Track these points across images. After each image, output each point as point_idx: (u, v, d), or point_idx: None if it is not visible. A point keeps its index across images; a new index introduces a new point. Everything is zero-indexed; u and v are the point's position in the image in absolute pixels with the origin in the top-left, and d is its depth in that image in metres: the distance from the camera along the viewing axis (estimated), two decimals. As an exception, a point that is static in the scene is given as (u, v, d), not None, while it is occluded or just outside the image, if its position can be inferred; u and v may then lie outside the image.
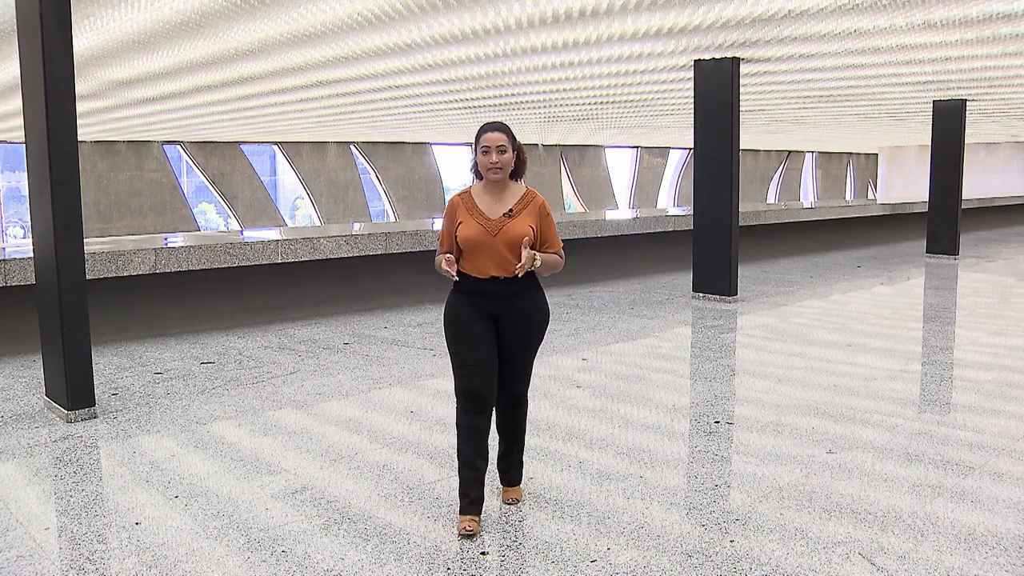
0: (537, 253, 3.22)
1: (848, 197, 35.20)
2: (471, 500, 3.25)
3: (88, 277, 5.84)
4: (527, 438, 4.38)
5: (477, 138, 3.26)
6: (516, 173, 3.32)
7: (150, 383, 5.72)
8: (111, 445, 4.44)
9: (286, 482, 3.84)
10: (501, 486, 3.59)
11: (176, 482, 3.85)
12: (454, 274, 3.15)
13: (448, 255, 3.23)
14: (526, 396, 3.47)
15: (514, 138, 3.27)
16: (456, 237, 3.23)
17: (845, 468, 3.94)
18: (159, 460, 4.17)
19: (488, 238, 3.19)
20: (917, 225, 15.86)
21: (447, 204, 3.32)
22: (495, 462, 3.61)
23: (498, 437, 3.52)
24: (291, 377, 5.85)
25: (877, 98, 13.48)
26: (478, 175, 3.31)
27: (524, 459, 3.59)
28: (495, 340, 3.26)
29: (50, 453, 4.31)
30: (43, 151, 4.75)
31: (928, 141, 14.36)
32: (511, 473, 3.55)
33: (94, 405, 4.95)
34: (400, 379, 5.78)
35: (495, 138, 3.22)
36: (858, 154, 35.28)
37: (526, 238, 3.16)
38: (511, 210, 3.24)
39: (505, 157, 3.23)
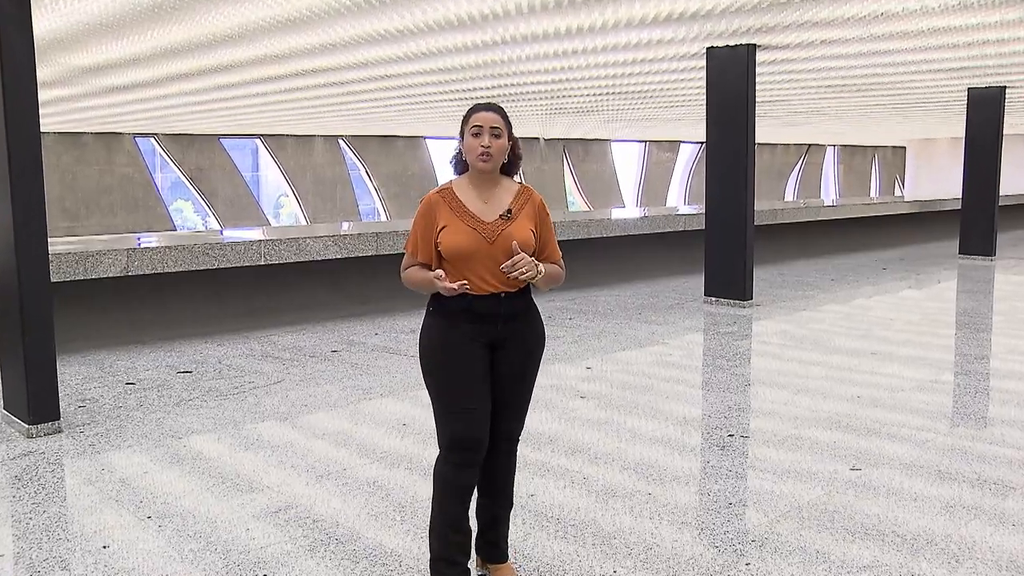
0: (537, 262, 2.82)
1: (873, 194, 35.22)
2: (463, 570, 2.90)
3: (53, 280, 5.82)
4: (527, 452, 4.38)
5: (466, 119, 2.84)
6: (509, 169, 2.93)
7: (121, 394, 5.71)
8: (77, 462, 4.42)
9: (269, 500, 3.82)
10: (487, 565, 3.04)
11: (149, 501, 3.83)
12: (456, 287, 2.70)
13: (423, 268, 2.84)
14: (517, 443, 3.03)
15: (511, 126, 2.89)
16: (439, 245, 2.80)
17: (871, 486, 3.93)
18: (130, 477, 4.15)
19: (484, 245, 2.78)
20: (949, 224, 15.86)
21: (421, 203, 2.86)
22: (477, 534, 3.08)
23: (479, 502, 3.01)
24: (275, 387, 5.84)
25: (906, 87, 13.46)
26: (458, 169, 2.92)
27: (525, 475, 3.56)
28: (490, 376, 2.86)
29: (7, 472, 4.29)
30: (1, 142, 4.74)
31: (962, 133, 14.34)
32: (501, 546, 3.03)
33: (58, 419, 4.93)
34: (392, 389, 5.77)
35: (489, 118, 2.81)
36: (884, 147, 35.32)
37: (515, 242, 2.77)
38: (509, 210, 2.84)
39: (499, 143, 2.82)
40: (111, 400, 5.56)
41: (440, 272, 2.74)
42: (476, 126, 2.81)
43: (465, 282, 2.74)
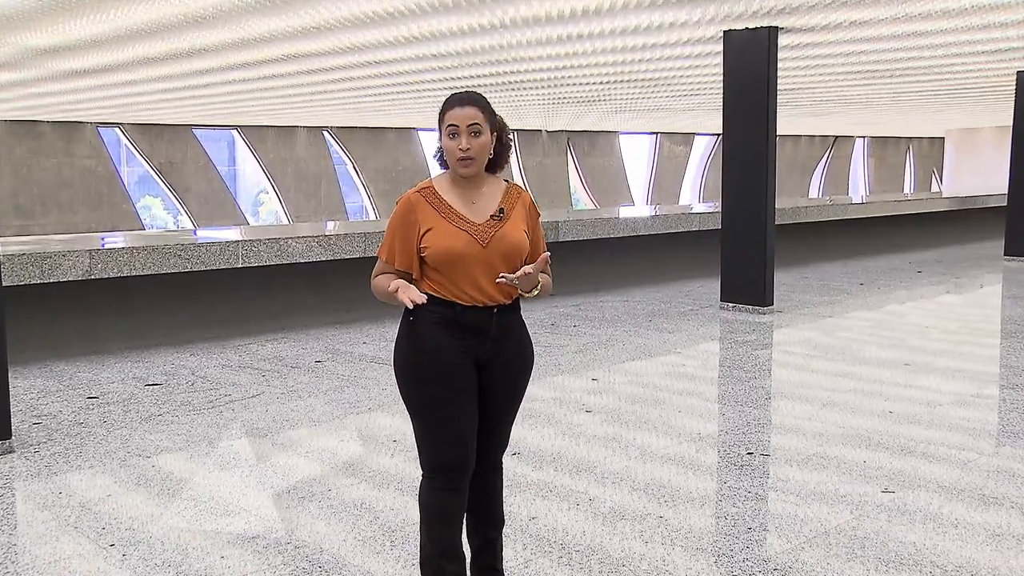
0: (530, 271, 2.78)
1: (907, 190, 35.25)
2: None
3: (5, 283, 5.83)
4: (527, 471, 4.37)
5: (442, 115, 2.79)
6: (497, 161, 2.88)
7: (82, 409, 5.70)
8: (31, 485, 4.40)
9: (246, 525, 3.81)
10: None
11: (112, 527, 3.82)
12: (411, 303, 2.67)
13: (397, 276, 2.79)
14: (502, 461, 3.09)
15: (493, 114, 2.82)
16: (423, 250, 2.77)
17: (905, 511, 3.92)
18: (91, 501, 4.14)
19: (477, 248, 2.76)
20: (993, 222, 15.85)
21: (399, 204, 2.83)
22: (472, 559, 3.05)
23: (469, 524, 3.01)
24: (253, 401, 5.84)
25: (946, 72, 13.41)
26: (443, 165, 2.87)
27: (525, 496, 3.54)
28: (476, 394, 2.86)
29: (-36, 491, 4.28)
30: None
31: (1009, 121, 14.28)
32: (498, 568, 3.04)
33: (10, 437, 4.90)
34: (381, 403, 5.76)
35: (466, 115, 2.75)
36: (920, 139, 35.34)
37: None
38: (502, 209, 2.83)
39: (479, 142, 2.76)
40: (70, 416, 5.55)
41: (400, 283, 2.71)
42: (451, 126, 2.75)
43: (425, 298, 2.70)
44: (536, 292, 2.85)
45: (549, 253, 2.87)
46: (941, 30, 9.59)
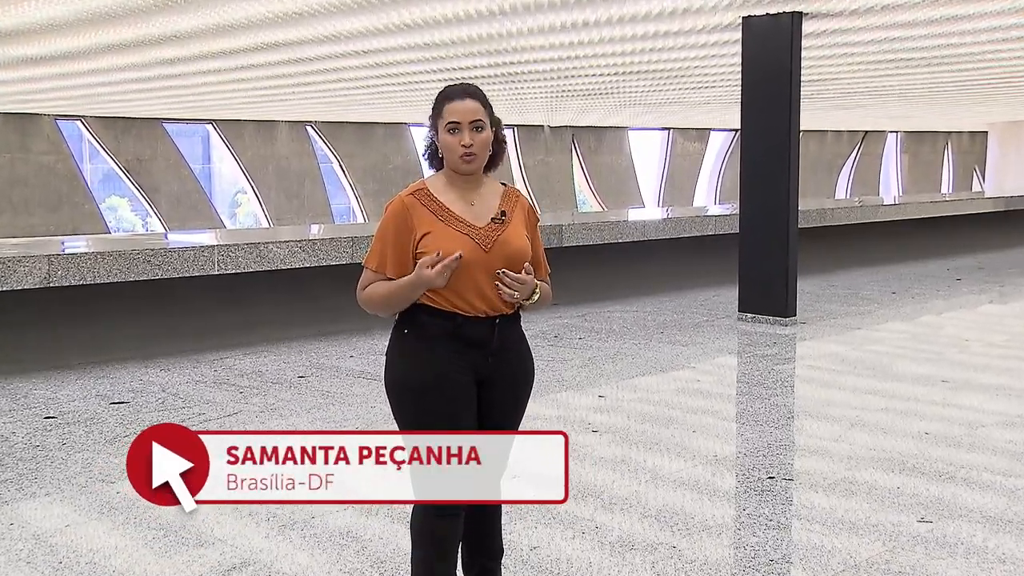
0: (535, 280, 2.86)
1: (945, 189, 35.27)
2: None
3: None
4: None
5: (438, 111, 2.82)
6: (493, 160, 2.91)
7: (39, 431, 5.69)
8: (-18, 514, 4.40)
9: (221, 556, 3.81)
10: None
11: (71, 562, 3.80)
12: (451, 261, 2.72)
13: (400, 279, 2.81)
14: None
15: (491, 109, 2.85)
16: (420, 257, 2.78)
17: (945, 543, 3.91)
18: (47, 532, 4.12)
19: (480, 254, 2.78)
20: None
21: (388, 209, 2.84)
22: None
23: (464, 554, 3.05)
24: (230, 420, 5.83)
25: (989, 59, 13.41)
26: (435, 163, 2.91)
27: (526, 523, 3.52)
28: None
29: (-91, 521, 4.27)
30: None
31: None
32: None
33: (-38, 460, 4.91)
34: (369, 421, 5.76)
35: (468, 110, 2.78)
36: (959, 133, 35.36)
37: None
38: (503, 212, 2.87)
39: (482, 137, 2.80)
40: (25, 438, 5.53)
41: (429, 259, 2.71)
42: (452, 121, 2.78)
43: (459, 254, 2.72)
44: (536, 297, 2.86)
45: (528, 269, 2.85)
46: (983, 13, 9.58)
